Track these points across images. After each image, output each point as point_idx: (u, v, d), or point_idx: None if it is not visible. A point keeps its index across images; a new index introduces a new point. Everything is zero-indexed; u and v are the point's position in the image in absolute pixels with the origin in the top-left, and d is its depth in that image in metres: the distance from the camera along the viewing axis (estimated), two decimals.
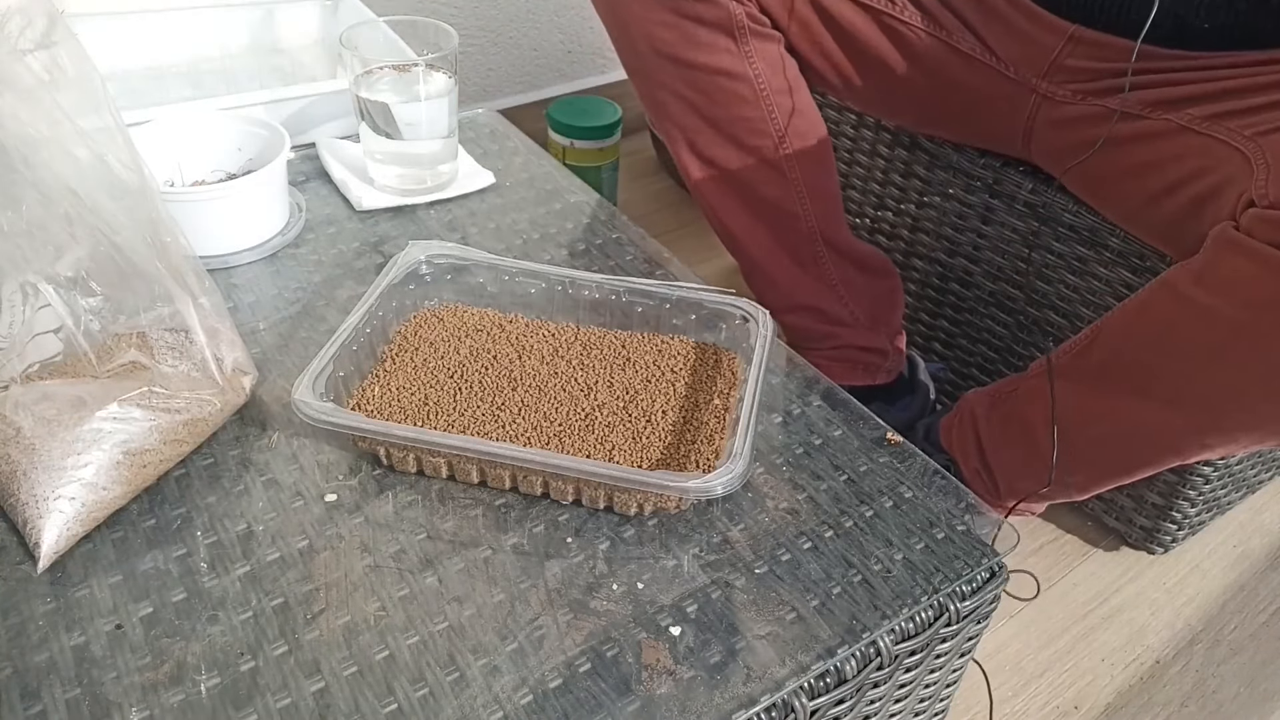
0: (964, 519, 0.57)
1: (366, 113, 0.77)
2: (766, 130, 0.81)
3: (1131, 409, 0.70)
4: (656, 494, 0.53)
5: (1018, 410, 0.78)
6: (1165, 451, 0.73)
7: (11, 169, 0.49)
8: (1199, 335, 0.64)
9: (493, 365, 0.62)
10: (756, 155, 0.82)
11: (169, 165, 0.76)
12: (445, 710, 0.45)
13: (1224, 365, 0.63)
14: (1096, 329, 0.73)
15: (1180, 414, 0.68)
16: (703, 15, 0.77)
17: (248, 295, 0.70)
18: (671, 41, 0.79)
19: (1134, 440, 0.72)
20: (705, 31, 0.77)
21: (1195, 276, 0.64)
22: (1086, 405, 0.73)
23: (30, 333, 0.52)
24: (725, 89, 0.79)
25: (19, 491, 0.49)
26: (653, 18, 0.78)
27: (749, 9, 0.77)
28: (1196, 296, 0.63)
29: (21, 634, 0.46)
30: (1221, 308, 0.61)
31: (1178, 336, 0.65)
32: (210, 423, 0.56)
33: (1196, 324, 0.64)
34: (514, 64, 1.48)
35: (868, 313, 0.91)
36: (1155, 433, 0.71)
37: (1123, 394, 0.71)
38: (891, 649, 0.50)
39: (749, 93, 0.79)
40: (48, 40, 0.50)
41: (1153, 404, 0.69)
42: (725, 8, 0.76)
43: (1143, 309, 0.69)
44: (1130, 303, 0.70)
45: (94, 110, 0.52)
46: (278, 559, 0.51)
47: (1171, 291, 0.66)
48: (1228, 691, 0.85)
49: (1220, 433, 0.68)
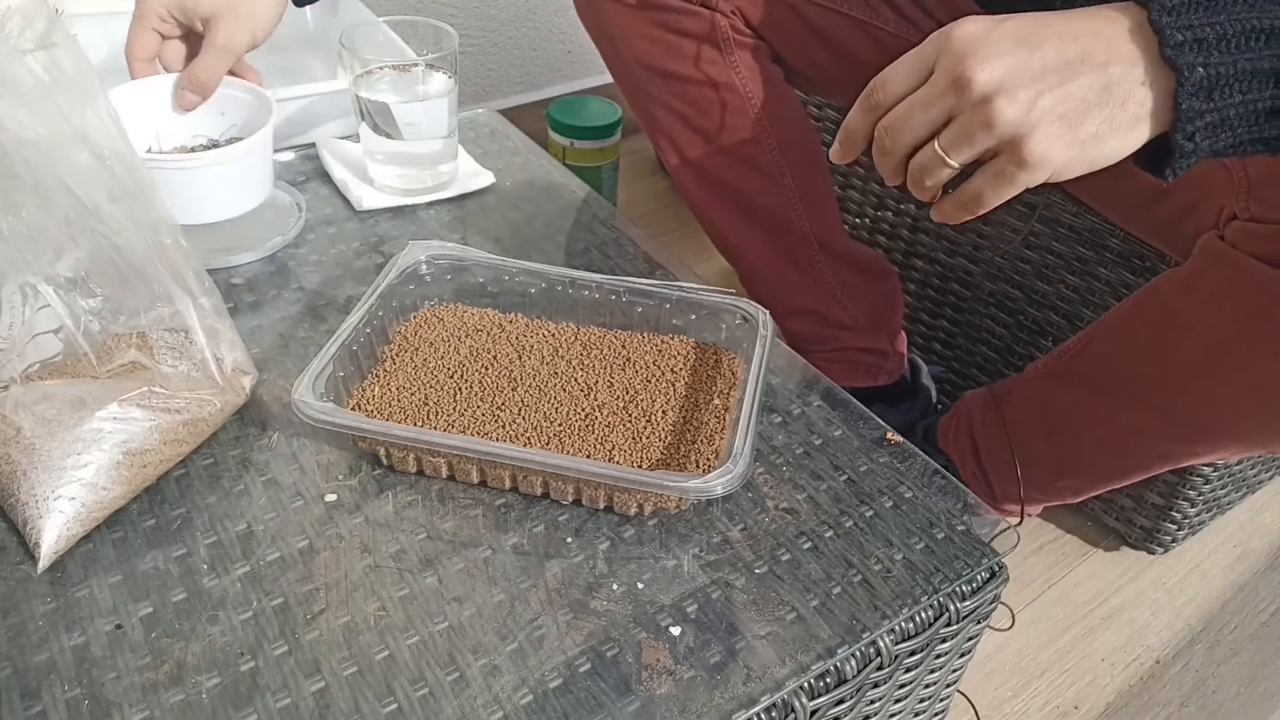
0: (964, 519, 0.57)
1: (366, 113, 0.77)
2: (755, 138, 0.81)
3: (1123, 415, 0.71)
4: (656, 494, 0.53)
5: (1009, 414, 0.79)
6: (1156, 458, 0.73)
7: (11, 170, 0.49)
8: (1187, 345, 0.64)
9: (493, 365, 0.62)
10: (747, 164, 0.83)
11: (146, 131, 0.73)
12: (445, 710, 0.45)
13: (1211, 376, 0.63)
14: (1090, 333, 0.73)
15: (1169, 422, 0.68)
16: (686, 28, 0.77)
17: (248, 295, 0.70)
18: (657, 54, 0.79)
19: (1126, 446, 0.72)
20: (689, 43, 0.78)
21: (1184, 285, 0.64)
22: (1080, 410, 0.73)
23: (30, 333, 0.52)
24: (712, 99, 0.80)
25: (19, 491, 0.49)
26: (637, 31, 0.79)
27: (732, 20, 0.77)
28: (1184, 306, 0.63)
29: (21, 634, 0.46)
30: (1209, 318, 0.61)
31: (1166, 345, 0.66)
32: (210, 423, 0.56)
33: (1184, 334, 0.64)
34: (514, 64, 1.48)
35: (867, 315, 0.91)
36: (1146, 439, 0.71)
37: (1115, 400, 0.71)
38: (891, 649, 0.50)
39: (736, 102, 0.80)
40: (47, 40, 0.50)
41: (1144, 411, 0.69)
42: (708, 19, 0.77)
43: (1133, 316, 0.69)
44: (1123, 308, 0.71)
45: (94, 111, 0.52)
46: (278, 559, 0.51)
47: (1160, 300, 0.66)
48: (1228, 691, 0.85)
49: (1208, 442, 0.68)
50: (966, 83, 0.40)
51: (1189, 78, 0.39)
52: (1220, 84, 0.39)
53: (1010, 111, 0.40)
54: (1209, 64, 0.38)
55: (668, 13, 0.77)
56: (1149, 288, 0.68)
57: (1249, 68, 0.39)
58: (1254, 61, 0.39)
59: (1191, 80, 0.39)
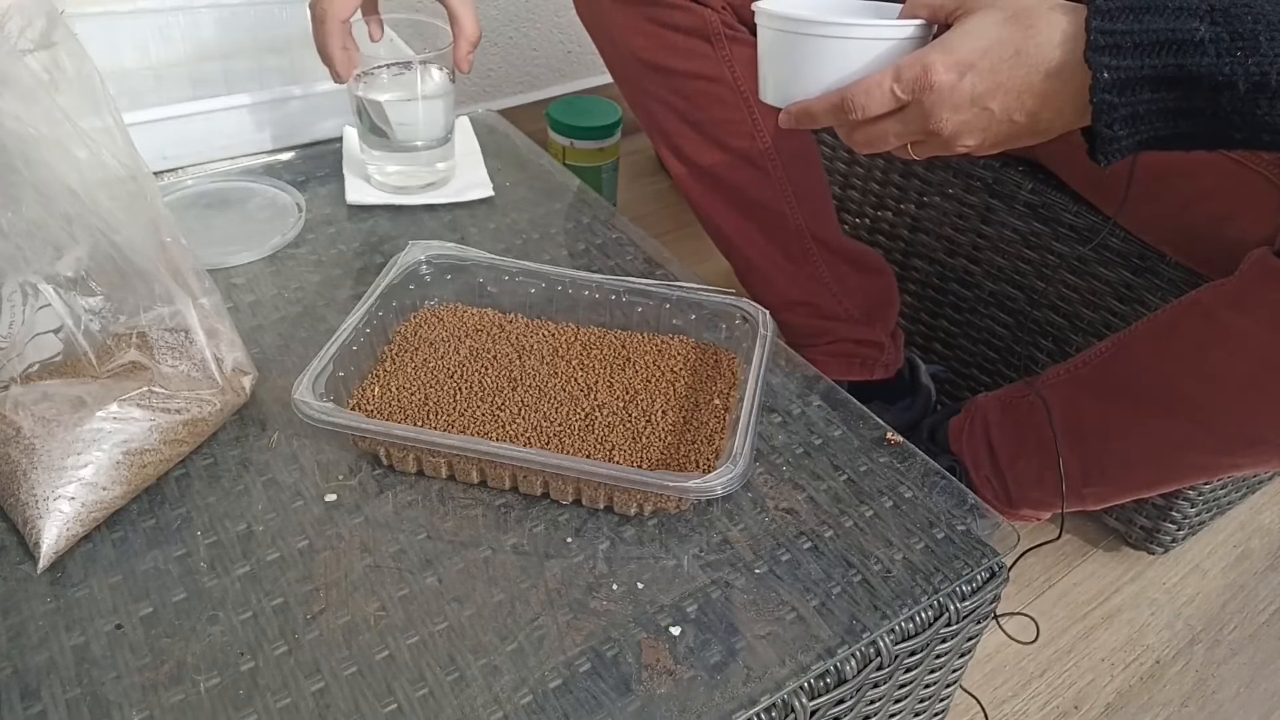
0: (964, 519, 0.57)
1: (363, 111, 0.77)
2: (748, 132, 0.82)
3: (1159, 426, 0.70)
4: (656, 494, 0.53)
5: (1034, 420, 0.78)
6: (1194, 469, 0.72)
7: (11, 169, 0.49)
8: (1234, 360, 0.63)
9: (493, 365, 0.62)
10: (740, 157, 0.83)
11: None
12: (445, 710, 0.45)
13: (1260, 391, 0.62)
14: (1118, 342, 0.73)
15: (1210, 435, 0.67)
16: (680, 23, 0.79)
17: (248, 295, 0.70)
18: (651, 49, 0.80)
19: (1160, 457, 0.72)
20: (682, 38, 0.79)
21: (1231, 301, 0.63)
22: (1110, 419, 0.72)
23: (30, 333, 0.52)
24: (705, 93, 0.81)
25: (19, 491, 0.49)
26: (632, 26, 0.80)
27: (724, 15, 0.78)
28: (1232, 321, 0.63)
29: (21, 634, 0.46)
30: (1259, 334, 0.61)
31: (1211, 360, 0.65)
32: (210, 423, 0.56)
33: (1231, 349, 0.63)
34: (514, 64, 1.48)
35: (862, 308, 0.91)
36: (1183, 451, 0.70)
37: (1148, 411, 0.70)
38: (891, 649, 0.50)
39: (729, 96, 0.80)
40: (48, 40, 0.50)
41: (1181, 422, 0.68)
42: (701, 15, 0.78)
43: (1172, 328, 0.68)
44: (1158, 320, 0.70)
45: (94, 110, 0.52)
46: (278, 559, 0.51)
47: (1205, 314, 0.66)
48: (1228, 691, 0.85)
49: (1251, 454, 0.67)
50: (937, 131, 0.52)
51: (1101, 77, 0.46)
52: (1130, 84, 0.46)
53: (969, 142, 0.53)
54: (1120, 67, 0.46)
55: (661, 8, 0.78)
56: (1190, 300, 0.67)
57: (1153, 75, 0.45)
58: (1156, 70, 0.45)
59: (1101, 80, 0.46)
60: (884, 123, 0.54)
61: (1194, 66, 0.45)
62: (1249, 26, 0.43)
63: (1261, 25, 0.43)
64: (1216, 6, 0.44)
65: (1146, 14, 0.45)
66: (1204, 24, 0.44)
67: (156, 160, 0.81)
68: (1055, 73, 0.48)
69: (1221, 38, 0.44)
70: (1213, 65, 0.44)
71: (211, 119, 0.83)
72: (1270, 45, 0.43)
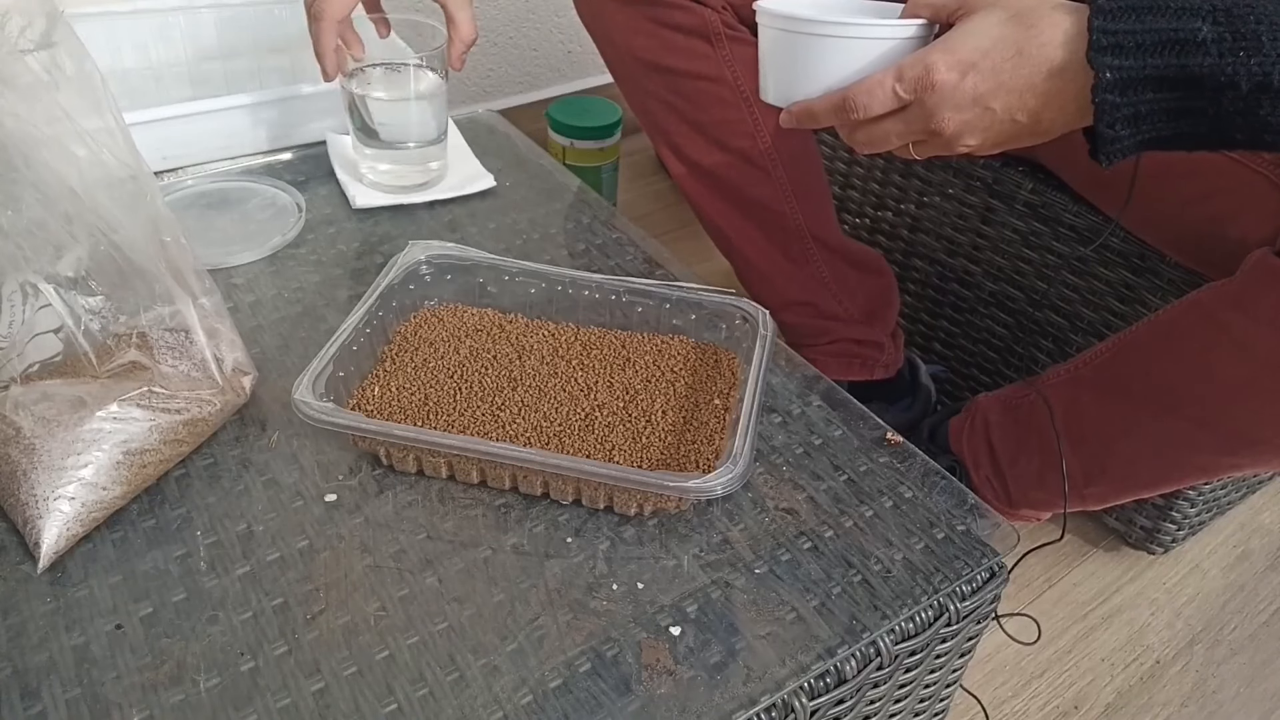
0: (964, 519, 0.57)
1: (356, 110, 0.77)
2: (749, 132, 0.82)
3: (1160, 426, 0.70)
4: (656, 494, 0.53)
5: (1035, 420, 0.78)
6: (1194, 469, 0.72)
7: (11, 168, 0.49)
8: (1234, 361, 0.63)
9: (493, 365, 0.62)
10: (740, 156, 0.83)
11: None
12: (445, 710, 0.45)
13: (1260, 391, 0.62)
14: (1119, 342, 0.73)
15: (1211, 435, 0.67)
16: (680, 22, 0.79)
17: (248, 295, 0.70)
18: (651, 49, 0.81)
19: (1162, 456, 0.72)
20: (683, 38, 0.79)
21: (1233, 301, 0.63)
22: (1111, 419, 0.72)
23: (30, 333, 0.52)
24: (706, 93, 0.81)
25: (19, 491, 0.49)
26: (632, 26, 0.80)
27: (725, 15, 0.78)
28: (1233, 322, 0.63)
29: (21, 634, 0.46)
30: (1260, 334, 0.61)
31: (1212, 361, 0.65)
32: (210, 423, 0.56)
33: (1232, 349, 0.63)
34: (514, 64, 1.48)
35: (862, 308, 0.91)
36: (1184, 451, 0.70)
37: (1149, 411, 0.70)
38: (891, 649, 0.50)
39: (729, 95, 0.81)
40: (48, 40, 0.50)
41: (1182, 422, 0.68)
42: (701, 15, 0.78)
43: (1173, 329, 0.68)
44: (1159, 320, 0.70)
45: (94, 110, 0.51)
46: (278, 559, 0.51)
47: (1206, 315, 0.66)
48: (1228, 691, 0.85)
49: (1252, 454, 0.67)
50: (939, 130, 0.52)
51: (1104, 77, 0.46)
52: (1132, 84, 0.46)
53: (970, 141, 0.53)
54: (1122, 67, 0.46)
55: (662, 8, 0.78)
56: (1191, 300, 0.67)
57: (1155, 75, 0.45)
58: (1158, 70, 0.45)
59: (1104, 80, 0.46)
60: (885, 122, 0.54)
61: (1196, 67, 0.45)
62: (1251, 27, 0.43)
63: (1264, 25, 0.43)
64: (1219, 7, 0.44)
65: (1149, 14, 0.45)
66: (1206, 24, 0.44)
67: (156, 160, 0.81)
68: (1057, 72, 0.48)
69: (1224, 38, 0.44)
70: (1215, 65, 0.44)
71: (211, 119, 0.83)
72: (1273, 45, 0.43)
